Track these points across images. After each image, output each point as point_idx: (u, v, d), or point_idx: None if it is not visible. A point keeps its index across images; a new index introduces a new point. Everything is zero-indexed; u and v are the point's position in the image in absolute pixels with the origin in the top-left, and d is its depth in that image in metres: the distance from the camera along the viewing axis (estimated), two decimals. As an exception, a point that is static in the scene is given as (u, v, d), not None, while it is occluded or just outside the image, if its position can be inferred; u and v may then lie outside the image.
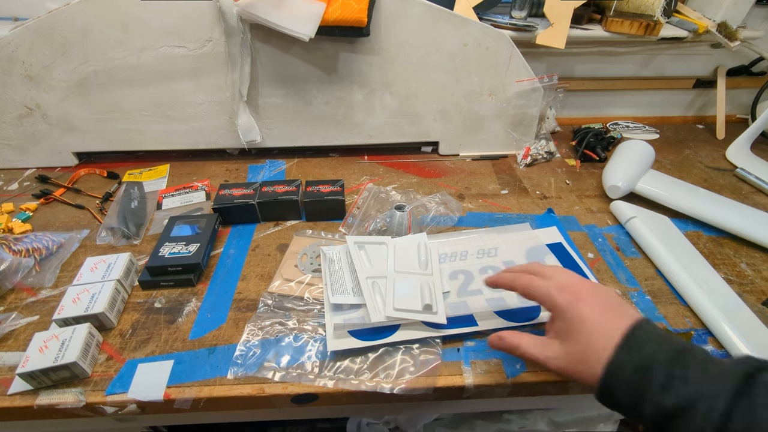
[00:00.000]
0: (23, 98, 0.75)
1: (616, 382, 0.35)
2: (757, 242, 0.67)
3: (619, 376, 0.35)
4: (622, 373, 0.35)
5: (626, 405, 0.35)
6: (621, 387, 0.35)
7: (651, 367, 0.34)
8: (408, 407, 0.62)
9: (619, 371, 0.35)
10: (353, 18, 0.67)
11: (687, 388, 0.32)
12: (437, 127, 0.87)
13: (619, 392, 0.35)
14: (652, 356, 0.35)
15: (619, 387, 0.35)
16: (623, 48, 0.96)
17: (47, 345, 0.47)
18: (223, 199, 0.69)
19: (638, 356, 0.35)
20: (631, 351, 0.36)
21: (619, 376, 0.35)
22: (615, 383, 0.35)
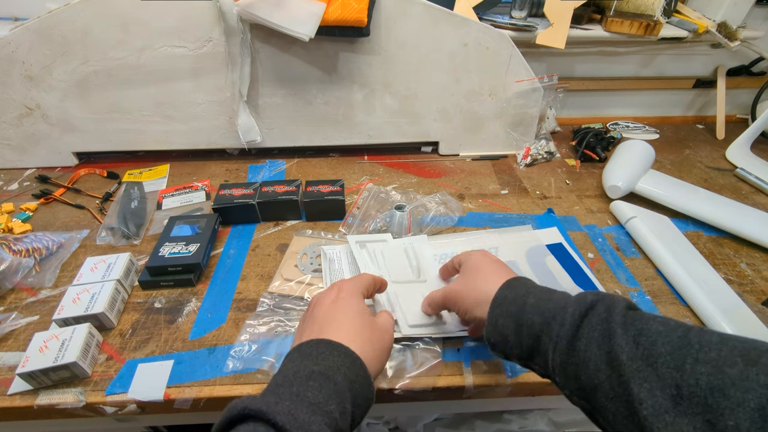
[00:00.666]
0: (23, 98, 0.75)
1: (500, 312, 0.40)
2: (757, 242, 0.67)
3: (501, 306, 0.41)
4: (504, 303, 0.41)
5: (510, 334, 0.39)
6: (503, 315, 0.40)
7: (527, 295, 0.40)
8: (408, 407, 0.62)
9: (503, 302, 0.41)
10: (353, 18, 0.67)
11: (550, 305, 0.38)
12: (437, 127, 0.87)
13: (502, 321, 0.40)
14: (528, 289, 0.41)
15: (502, 316, 0.40)
16: (623, 48, 0.96)
17: (47, 345, 0.47)
18: (223, 199, 0.69)
19: (516, 291, 0.41)
20: (512, 288, 0.41)
21: (501, 307, 0.41)
22: (498, 313, 0.40)
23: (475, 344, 0.52)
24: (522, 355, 0.39)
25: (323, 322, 0.41)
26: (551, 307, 0.37)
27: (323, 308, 0.42)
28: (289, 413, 0.30)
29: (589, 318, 0.35)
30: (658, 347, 0.30)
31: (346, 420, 0.34)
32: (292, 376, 0.34)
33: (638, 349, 0.31)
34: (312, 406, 0.32)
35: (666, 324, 0.32)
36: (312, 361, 0.36)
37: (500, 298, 0.41)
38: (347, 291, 0.44)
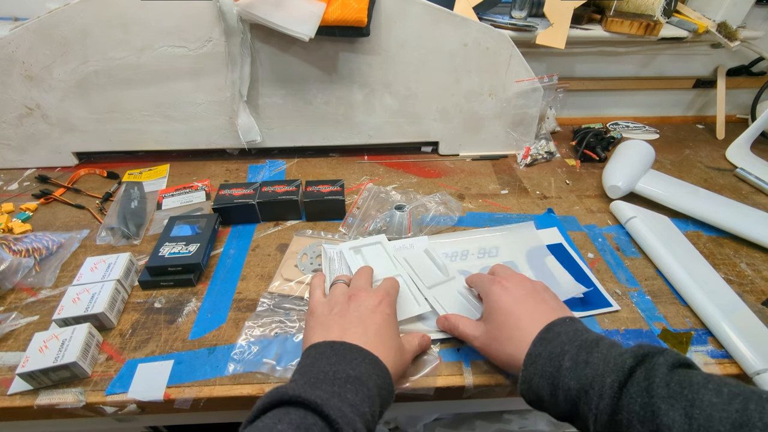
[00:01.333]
0: (23, 98, 0.75)
1: (534, 371, 0.38)
2: (757, 242, 0.67)
3: (536, 364, 0.38)
4: (538, 362, 0.38)
5: (545, 395, 0.37)
6: (537, 375, 0.38)
7: (562, 355, 0.37)
8: (408, 407, 0.62)
9: (536, 360, 0.38)
10: (353, 18, 0.67)
11: (587, 371, 0.35)
12: (437, 127, 0.87)
13: (537, 381, 0.38)
14: (563, 346, 0.38)
15: (536, 375, 0.38)
16: (623, 48, 0.96)
17: (47, 345, 0.47)
18: (223, 199, 0.69)
19: (551, 347, 0.38)
20: (546, 342, 0.39)
21: (536, 365, 0.38)
22: (533, 372, 0.38)
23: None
24: (560, 415, 0.38)
25: (366, 328, 0.43)
26: (588, 374, 0.35)
27: (366, 312, 0.44)
28: (339, 409, 0.33)
29: (628, 389, 0.33)
30: (714, 425, 0.27)
31: (375, 422, 0.37)
32: (332, 376, 0.37)
33: (691, 427, 0.28)
34: (352, 407, 0.34)
35: (719, 392, 0.29)
36: (348, 365, 0.38)
37: (533, 355, 0.39)
38: (390, 305, 0.46)
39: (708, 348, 0.53)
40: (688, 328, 0.55)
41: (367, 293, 0.47)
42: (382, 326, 0.44)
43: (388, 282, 0.51)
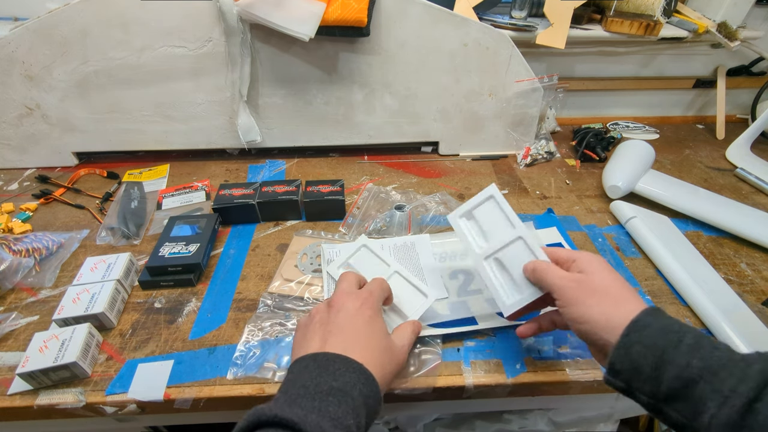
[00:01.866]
0: (23, 98, 0.75)
1: (638, 338, 0.34)
2: (757, 242, 0.67)
3: (643, 332, 0.34)
4: (646, 331, 0.34)
5: (646, 367, 0.34)
6: (642, 344, 0.34)
7: (679, 331, 0.34)
8: (408, 407, 0.62)
9: (644, 329, 0.35)
10: (353, 18, 0.67)
11: (718, 354, 0.32)
12: (437, 127, 0.87)
13: (640, 349, 0.34)
14: (682, 326, 0.34)
15: (640, 343, 0.34)
16: (623, 48, 0.96)
17: (47, 345, 0.47)
18: (223, 199, 0.69)
19: (665, 321, 0.35)
20: (659, 316, 0.36)
21: (643, 333, 0.34)
22: (636, 339, 0.34)
23: (474, 344, 0.52)
24: (656, 393, 0.33)
25: (346, 335, 0.41)
26: (720, 356, 0.31)
27: (345, 317, 0.42)
28: (318, 425, 0.32)
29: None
30: None
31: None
32: (313, 389, 0.35)
33: None
34: (333, 421, 0.33)
35: None
36: (331, 376, 0.36)
37: (642, 323, 0.35)
38: (371, 307, 0.44)
39: (708, 348, 0.53)
40: (688, 328, 0.55)
41: (347, 296, 0.45)
42: (364, 329, 0.42)
43: (373, 283, 0.48)
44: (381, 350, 0.42)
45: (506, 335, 0.53)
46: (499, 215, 0.50)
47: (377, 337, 0.43)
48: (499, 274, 0.49)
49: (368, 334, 0.42)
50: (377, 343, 0.42)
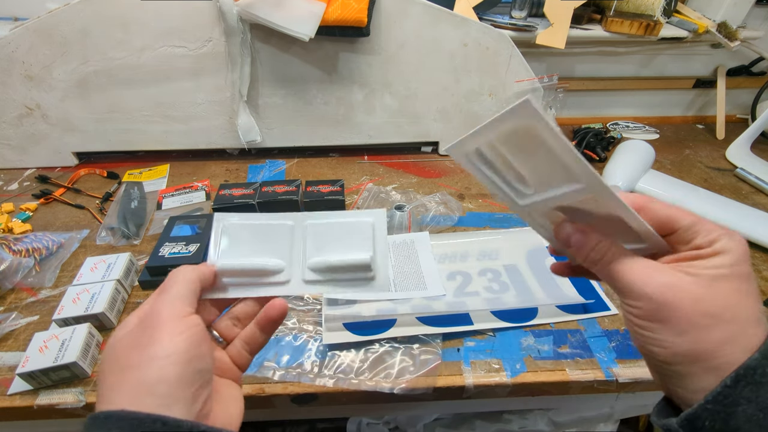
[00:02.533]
0: (23, 98, 0.75)
1: (752, 393, 0.23)
2: (757, 242, 0.67)
3: (761, 385, 0.23)
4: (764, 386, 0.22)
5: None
6: (757, 403, 0.23)
7: None
8: (408, 407, 0.62)
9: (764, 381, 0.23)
10: (353, 18, 0.67)
11: None
12: (437, 127, 0.87)
13: (749, 410, 0.23)
14: None
15: (753, 402, 0.23)
16: (623, 48, 0.96)
17: (47, 345, 0.47)
18: (223, 199, 0.69)
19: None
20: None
21: (760, 386, 0.23)
22: (748, 394, 0.23)
23: (474, 344, 0.52)
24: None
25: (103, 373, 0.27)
26: None
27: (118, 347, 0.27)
28: None
29: None
30: None
31: None
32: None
33: None
34: None
35: None
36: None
37: (760, 372, 0.23)
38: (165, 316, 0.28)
39: (708, 348, 0.53)
40: (688, 328, 0.55)
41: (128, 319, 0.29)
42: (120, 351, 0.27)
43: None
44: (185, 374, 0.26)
45: (506, 335, 0.53)
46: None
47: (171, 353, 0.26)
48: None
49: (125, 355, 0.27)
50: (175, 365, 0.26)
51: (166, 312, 0.28)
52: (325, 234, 0.37)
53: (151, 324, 0.27)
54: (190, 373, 0.26)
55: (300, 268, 0.36)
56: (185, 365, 0.26)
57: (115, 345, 0.28)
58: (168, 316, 0.28)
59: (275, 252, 0.36)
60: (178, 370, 0.26)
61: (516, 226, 0.71)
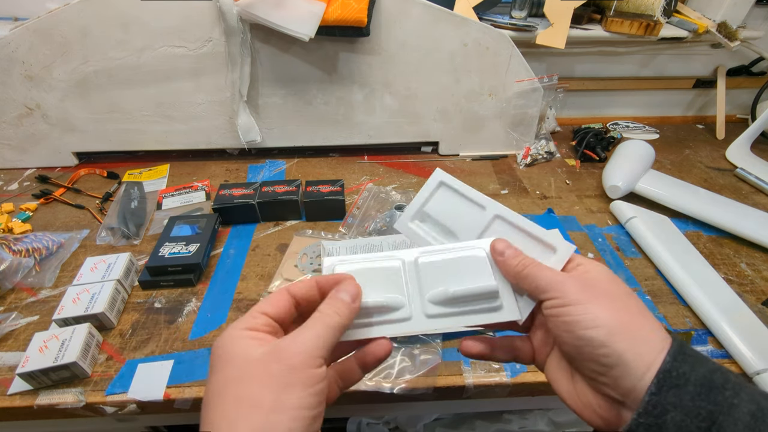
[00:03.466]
0: (23, 98, 0.75)
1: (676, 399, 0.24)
2: (757, 242, 0.67)
3: (681, 389, 0.24)
4: (686, 388, 0.24)
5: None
6: (682, 408, 0.24)
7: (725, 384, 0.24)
8: (408, 407, 0.62)
9: (682, 383, 0.24)
10: (353, 18, 0.67)
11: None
12: (437, 127, 0.87)
13: (677, 417, 0.24)
14: (722, 372, 0.25)
15: (676, 407, 0.24)
16: (623, 48, 0.96)
17: (47, 345, 0.47)
18: (223, 199, 0.69)
19: (702, 369, 0.25)
20: (690, 360, 0.25)
21: (681, 390, 0.24)
22: (673, 400, 0.24)
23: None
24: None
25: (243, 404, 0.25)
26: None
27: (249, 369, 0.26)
28: None
29: None
30: None
31: None
32: None
33: None
34: None
35: None
36: None
37: (677, 373, 0.24)
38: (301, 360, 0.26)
39: (708, 348, 0.53)
40: (688, 328, 0.55)
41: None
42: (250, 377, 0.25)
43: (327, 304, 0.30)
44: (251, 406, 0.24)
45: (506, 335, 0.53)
46: (460, 201, 0.40)
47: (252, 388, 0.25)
48: None
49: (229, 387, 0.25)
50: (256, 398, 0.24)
51: (301, 357, 0.26)
52: (440, 268, 0.35)
53: (288, 363, 0.25)
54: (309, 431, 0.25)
55: (420, 303, 0.34)
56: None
57: (246, 366, 0.26)
58: (303, 362, 0.26)
59: (390, 289, 0.34)
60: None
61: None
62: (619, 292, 0.29)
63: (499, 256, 0.33)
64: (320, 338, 0.27)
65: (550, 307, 0.29)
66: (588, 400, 0.29)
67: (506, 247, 0.33)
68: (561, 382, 0.31)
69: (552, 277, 0.30)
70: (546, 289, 0.30)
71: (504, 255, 0.33)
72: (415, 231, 0.39)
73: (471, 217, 0.38)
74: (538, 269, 0.31)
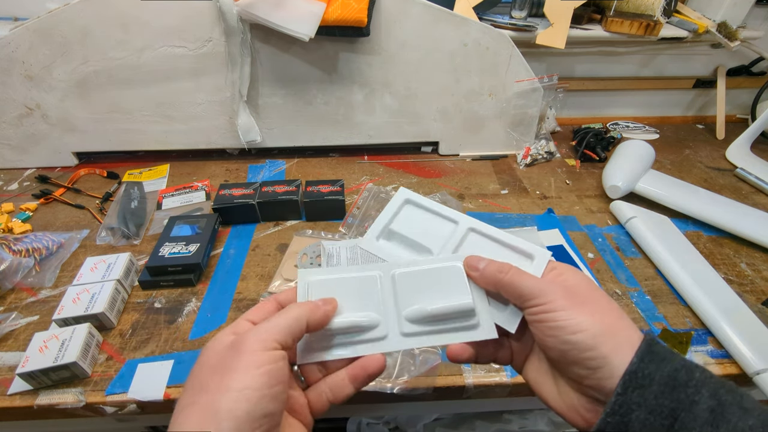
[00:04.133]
0: (23, 98, 0.75)
1: (640, 398, 0.25)
2: (757, 242, 0.67)
3: (645, 389, 0.25)
4: (651, 388, 0.25)
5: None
6: (646, 406, 0.25)
7: (687, 382, 0.25)
8: (408, 407, 0.62)
9: (646, 383, 0.25)
10: (353, 18, 0.67)
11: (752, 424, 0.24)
12: (437, 127, 0.87)
13: (641, 416, 0.25)
14: (686, 369, 0.26)
15: (643, 406, 0.25)
16: (623, 48, 0.96)
17: (47, 345, 0.47)
18: (223, 199, 0.69)
19: (668, 367, 0.26)
20: (657, 358, 0.26)
21: (645, 390, 0.25)
22: (637, 399, 0.25)
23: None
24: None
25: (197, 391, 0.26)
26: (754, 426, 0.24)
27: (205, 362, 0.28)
28: None
29: None
30: None
31: None
32: None
33: None
34: None
35: None
36: None
37: (642, 373, 0.26)
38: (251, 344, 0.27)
39: (708, 348, 0.53)
40: (688, 328, 0.55)
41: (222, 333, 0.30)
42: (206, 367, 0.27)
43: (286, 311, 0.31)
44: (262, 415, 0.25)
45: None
46: (430, 218, 0.39)
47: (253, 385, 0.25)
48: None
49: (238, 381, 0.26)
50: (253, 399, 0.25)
51: (252, 340, 0.27)
52: (416, 282, 0.35)
53: (238, 348, 0.27)
54: (259, 413, 0.25)
55: (396, 321, 0.34)
56: (256, 403, 0.25)
57: (204, 360, 0.28)
58: (252, 346, 0.27)
59: (366, 305, 0.34)
60: (248, 407, 0.25)
61: (515, 226, 0.71)
62: (597, 296, 0.30)
63: (474, 272, 0.34)
64: (276, 325, 0.28)
65: (535, 313, 0.30)
66: (572, 401, 0.29)
67: (479, 260, 0.34)
68: (543, 385, 0.32)
69: (534, 284, 0.30)
70: (529, 296, 0.30)
71: (479, 269, 0.33)
72: (383, 248, 0.39)
73: (443, 232, 0.38)
74: (518, 276, 0.31)
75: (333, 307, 0.32)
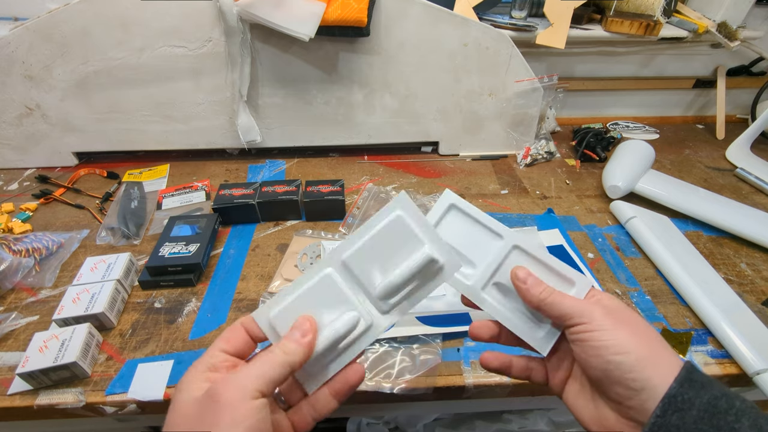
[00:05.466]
0: (23, 98, 0.75)
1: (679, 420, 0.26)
2: (757, 242, 0.67)
3: (684, 413, 0.26)
4: (690, 413, 0.26)
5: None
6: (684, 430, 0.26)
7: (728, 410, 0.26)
8: (408, 407, 0.62)
9: (686, 408, 0.26)
10: (353, 18, 0.67)
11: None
12: (437, 127, 0.87)
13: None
14: (728, 398, 0.26)
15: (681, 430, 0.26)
16: (623, 48, 0.96)
17: (47, 345, 0.47)
18: (223, 199, 0.69)
19: (708, 395, 0.27)
20: (697, 386, 0.27)
21: (684, 414, 0.26)
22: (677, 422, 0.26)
23: (474, 344, 0.52)
24: None
25: None
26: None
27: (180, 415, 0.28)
28: None
29: None
30: None
31: None
32: None
33: None
34: None
35: None
36: None
37: (682, 398, 0.26)
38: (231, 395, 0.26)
39: (708, 348, 0.53)
40: (688, 328, 0.55)
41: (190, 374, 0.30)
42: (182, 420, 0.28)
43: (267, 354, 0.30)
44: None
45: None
46: (473, 226, 0.37)
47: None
48: (506, 302, 0.36)
49: None
50: None
51: (231, 390, 0.26)
52: (369, 256, 0.34)
53: (217, 400, 0.26)
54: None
55: (372, 304, 0.34)
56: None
57: (181, 409, 0.27)
58: (233, 396, 0.26)
59: (336, 306, 0.33)
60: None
61: (515, 226, 0.71)
62: (637, 320, 0.31)
63: (521, 284, 0.34)
64: (257, 375, 0.27)
65: (578, 332, 0.31)
66: (610, 423, 0.30)
67: (527, 275, 0.34)
68: (584, 408, 0.32)
69: (576, 304, 0.31)
70: (572, 316, 0.31)
71: (527, 283, 0.34)
72: None
73: (487, 246, 0.37)
74: (561, 297, 0.32)
75: (313, 332, 0.31)
